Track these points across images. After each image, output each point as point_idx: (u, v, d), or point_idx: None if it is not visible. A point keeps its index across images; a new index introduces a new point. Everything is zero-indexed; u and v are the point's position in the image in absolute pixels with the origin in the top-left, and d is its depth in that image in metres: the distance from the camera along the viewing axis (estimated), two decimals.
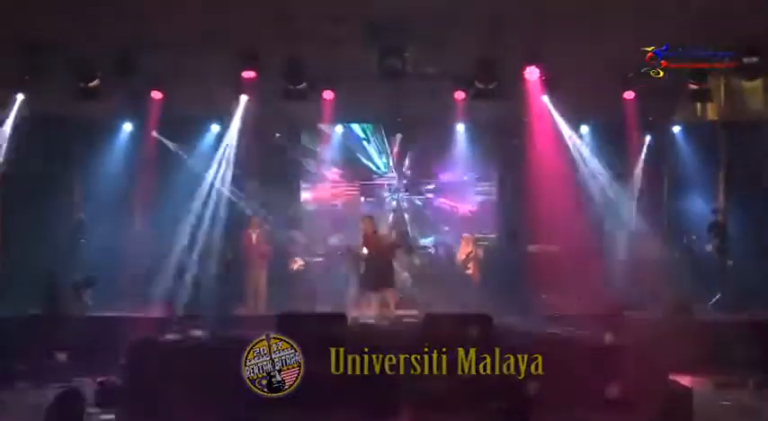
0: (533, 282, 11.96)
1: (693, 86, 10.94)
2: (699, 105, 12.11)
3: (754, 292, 11.12)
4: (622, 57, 10.47)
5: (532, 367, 7.92)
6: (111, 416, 7.72)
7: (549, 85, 11.32)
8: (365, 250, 11.21)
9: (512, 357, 8.57)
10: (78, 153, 12.37)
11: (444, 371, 8.46)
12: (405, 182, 14.46)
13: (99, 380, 9.12)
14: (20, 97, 11.26)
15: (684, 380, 9.22)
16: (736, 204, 12.22)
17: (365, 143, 14.47)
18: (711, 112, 12.20)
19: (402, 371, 8.30)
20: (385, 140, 14.36)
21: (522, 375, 7.70)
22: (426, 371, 8.35)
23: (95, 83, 10.63)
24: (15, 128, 11.30)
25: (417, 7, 9.25)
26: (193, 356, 9.00)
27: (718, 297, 11.28)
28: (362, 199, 14.37)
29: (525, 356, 8.57)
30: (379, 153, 14.45)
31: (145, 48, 10.23)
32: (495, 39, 10.15)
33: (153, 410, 7.85)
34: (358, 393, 4.42)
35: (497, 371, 8.06)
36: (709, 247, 11.60)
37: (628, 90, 11.91)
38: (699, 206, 12.73)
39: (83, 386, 8.31)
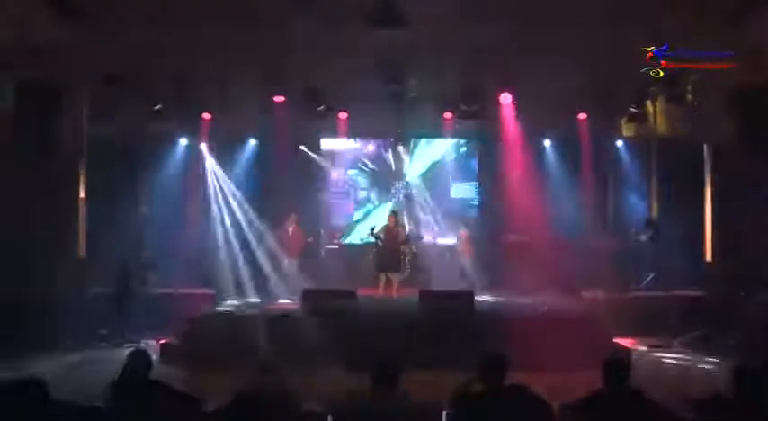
0: (510, 265, 11.96)
1: (633, 109, 10.90)
2: (636, 124, 12.05)
3: (679, 274, 11.11)
4: (577, 85, 10.47)
5: (507, 333, 7.93)
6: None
7: (519, 106, 11.33)
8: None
9: (489, 325, 8.62)
10: (145, 162, 12.30)
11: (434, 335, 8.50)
12: (404, 184, 14.30)
13: (161, 342, 9.18)
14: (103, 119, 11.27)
15: (625, 343, 9.26)
16: (666, 203, 12.18)
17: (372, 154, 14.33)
18: (647, 130, 12.16)
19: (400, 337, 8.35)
20: (389, 150, 14.21)
21: (498, 340, 7.70)
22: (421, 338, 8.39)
23: (159, 107, 10.66)
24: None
25: (415, 44, 9.27)
26: (236, 325, 9.04)
27: (650, 277, 11.24)
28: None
29: (501, 325, 8.60)
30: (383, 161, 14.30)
31: (198, 78, 10.30)
32: (475, 70, 10.20)
33: (203, 366, 7.87)
34: (363, 356, 4.40)
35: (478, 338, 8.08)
36: (643, 238, 11.56)
37: (581, 111, 11.93)
38: (636, 205, 12.69)
39: (149, 347, 8.37)
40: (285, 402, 3.91)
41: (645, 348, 9.47)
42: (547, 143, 13.35)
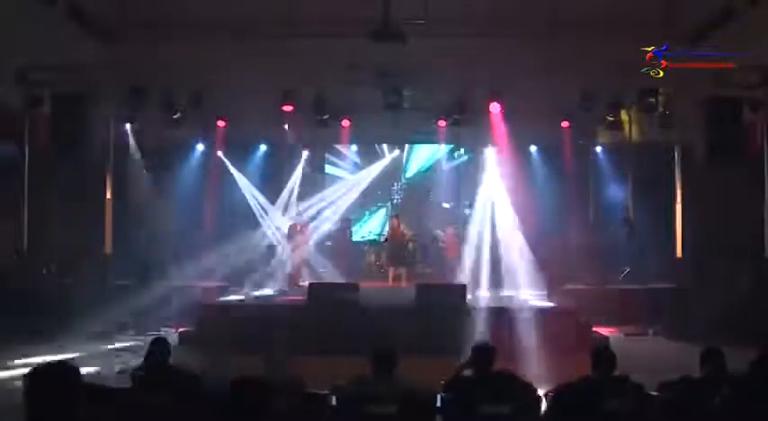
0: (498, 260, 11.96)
1: (610, 118, 10.92)
2: (613, 131, 12.05)
3: (652, 268, 11.12)
4: (561, 95, 10.49)
5: (496, 323, 7.95)
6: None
7: (507, 116, 11.30)
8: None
9: (480, 316, 8.63)
10: (164, 166, 12.26)
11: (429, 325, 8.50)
12: (401, 186, 14.26)
13: (179, 329, 9.21)
14: (128, 126, 11.36)
15: (603, 331, 9.28)
16: (640, 204, 12.18)
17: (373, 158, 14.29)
18: (622, 137, 12.16)
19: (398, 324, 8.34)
20: (387, 155, 14.18)
21: (487, 329, 7.74)
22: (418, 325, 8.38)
23: (178, 115, 10.63)
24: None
25: (413, 58, 9.31)
26: (245, 313, 9.07)
27: (627, 271, 11.26)
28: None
29: (490, 315, 8.62)
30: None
31: (213, 89, 10.29)
32: (467, 81, 10.23)
33: (217, 351, 7.88)
34: (364, 341, 4.42)
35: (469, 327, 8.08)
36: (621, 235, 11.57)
37: (564, 120, 11.93)
38: (614, 205, 12.68)
39: (168, 333, 8.39)
40: (290, 384, 3.93)
41: (621, 336, 9.50)
42: (533, 148, 13.35)
